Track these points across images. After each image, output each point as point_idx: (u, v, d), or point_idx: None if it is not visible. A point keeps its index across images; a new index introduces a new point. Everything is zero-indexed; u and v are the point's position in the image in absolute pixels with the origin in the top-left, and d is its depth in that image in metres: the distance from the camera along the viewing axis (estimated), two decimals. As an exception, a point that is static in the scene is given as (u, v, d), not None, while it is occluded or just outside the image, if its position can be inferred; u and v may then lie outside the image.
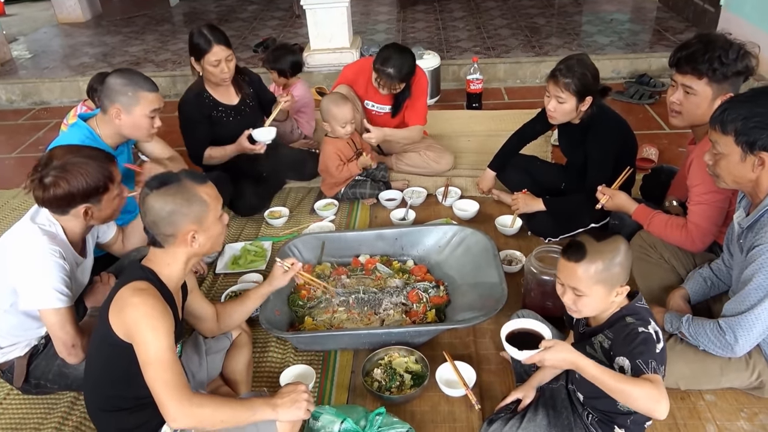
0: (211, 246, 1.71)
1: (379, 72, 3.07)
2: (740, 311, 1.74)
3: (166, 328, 1.54)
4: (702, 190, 2.08)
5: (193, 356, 1.98)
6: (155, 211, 1.60)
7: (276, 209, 3.20)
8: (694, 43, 2.09)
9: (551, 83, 2.53)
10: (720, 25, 4.92)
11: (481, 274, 2.41)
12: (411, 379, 2.08)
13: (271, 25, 6.48)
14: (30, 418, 2.11)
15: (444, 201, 3.20)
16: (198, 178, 1.67)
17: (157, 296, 1.58)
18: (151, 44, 6.08)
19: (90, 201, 1.95)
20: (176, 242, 1.63)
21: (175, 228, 1.61)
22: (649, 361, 1.49)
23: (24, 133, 4.59)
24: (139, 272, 1.64)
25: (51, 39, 6.61)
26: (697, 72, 2.07)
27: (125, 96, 2.33)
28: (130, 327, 1.53)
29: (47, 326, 1.94)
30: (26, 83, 5.25)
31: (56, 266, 1.89)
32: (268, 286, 2.10)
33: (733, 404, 1.97)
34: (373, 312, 2.38)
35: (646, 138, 3.66)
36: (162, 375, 1.50)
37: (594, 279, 1.56)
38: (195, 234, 1.64)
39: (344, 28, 4.90)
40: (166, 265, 1.67)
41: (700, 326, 1.84)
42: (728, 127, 1.70)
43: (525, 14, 6.27)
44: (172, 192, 1.60)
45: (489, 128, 4.02)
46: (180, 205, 1.60)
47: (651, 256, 2.26)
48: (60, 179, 1.88)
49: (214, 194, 1.69)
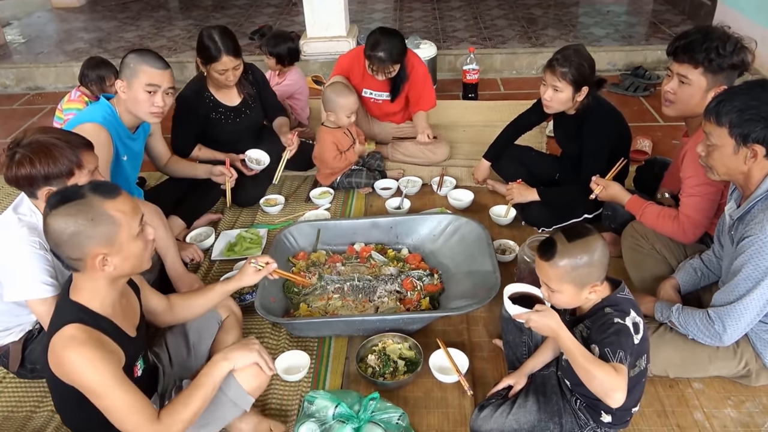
0: (131, 266, 1.55)
1: (371, 58, 3.07)
2: (729, 301, 1.77)
3: (109, 370, 1.45)
4: (694, 182, 2.10)
5: (180, 346, 1.98)
6: (57, 233, 1.44)
7: (272, 197, 3.21)
8: (693, 33, 2.12)
9: (548, 72, 2.54)
10: (716, 18, 4.94)
11: (475, 262, 2.43)
12: (404, 365, 2.10)
13: (267, 13, 6.45)
14: (26, 401, 2.12)
15: (439, 190, 3.22)
16: (107, 192, 1.49)
17: (90, 342, 1.45)
18: (146, 30, 6.04)
19: (52, 184, 1.83)
20: (86, 267, 1.48)
21: (81, 251, 1.45)
22: (617, 351, 1.54)
23: (18, 119, 4.57)
24: (68, 313, 1.51)
25: (45, 24, 6.56)
26: (693, 61, 2.09)
27: (128, 68, 2.35)
28: (74, 382, 1.46)
29: (37, 317, 1.92)
30: (20, 68, 5.21)
31: (37, 257, 1.84)
32: (236, 283, 1.96)
33: (721, 392, 2.00)
34: (368, 299, 2.40)
35: (640, 130, 3.67)
36: (124, 416, 1.45)
37: (563, 278, 1.60)
38: (106, 257, 1.47)
39: (341, 17, 4.88)
40: (93, 295, 1.53)
41: (690, 315, 1.87)
42: (723, 119, 1.71)
43: (522, 5, 6.26)
44: (74, 211, 1.43)
45: (485, 119, 4.03)
46: (83, 226, 1.43)
47: (643, 246, 2.29)
48: (25, 158, 1.80)
49: (128, 208, 1.51)
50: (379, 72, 3.10)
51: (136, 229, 1.53)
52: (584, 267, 1.58)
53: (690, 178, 2.12)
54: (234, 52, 2.86)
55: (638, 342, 1.59)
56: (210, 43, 2.83)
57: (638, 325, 1.60)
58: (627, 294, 1.67)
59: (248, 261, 1.99)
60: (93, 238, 1.45)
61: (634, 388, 1.66)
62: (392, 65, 3.09)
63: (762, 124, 1.67)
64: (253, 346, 1.67)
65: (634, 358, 1.60)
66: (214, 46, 2.82)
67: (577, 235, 1.61)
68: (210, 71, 2.91)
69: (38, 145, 1.82)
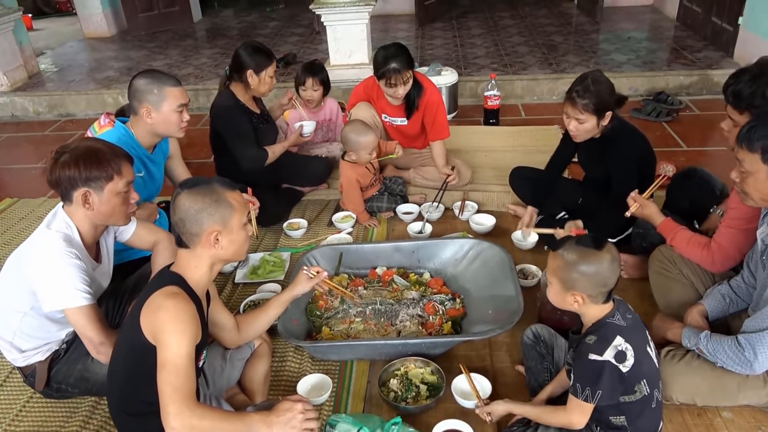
0: (234, 252, 1.74)
1: (386, 73, 3.04)
2: (761, 328, 1.74)
3: (191, 335, 1.57)
4: (736, 214, 2.05)
5: (216, 363, 2.02)
6: (184, 209, 1.65)
7: (294, 221, 3.24)
8: (744, 76, 2.04)
9: (569, 106, 2.54)
10: (738, 43, 4.93)
11: (498, 287, 2.42)
12: (427, 390, 2.09)
13: (291, 41, 6.60)
14: (51, 421, 2.14)
15: (461, 215, 3.22)
16: (227, 185, 1.73)
17: (189, 302, 1.62)
18: (175, 59, 6.21)
19: (90, 185, 1.94)
20: (200, 242, 1.67)
21: (200, 227, 1.66)
22: (585, 388, 1.59)
23: (50, 144, 4.70)
24: (169, 278, 1.69)
25: (77, 53, 6.78)
26: (739, 108, 2.05)
27: (152, 94, 2.41)
28: (158, 328, 1.56)
29: (74, 326, 1.96)
30: (53, 95, 5.39)
31: (75, 266, 1.91)
32: (290, 292, 2.12)
33: (751, 422, 1.95)
34: (390, 323, 2.40)
35: (664, 155, 3.65)
36: (173, 379, 1.52)
37: (554, 272, 1.67)
38: (218, 235, 1.68)
39: (363, 45, 4.97)
40: (193, 268, 1.71)
41: (719, 343, 1.83)
42: (755, 145, 1.71)
43: (542, 32, 6.32)
44: (203, 192, 1.67)
45: (506, 144, 4.04)
46: (208, 205, 1.65)
47: (670, 271, 2.26)
48: (71, 160, 1.93)
49: (242, 201, 1.74)
50: (398, 83, 3.07)
51: (244, 219, 1.74)
52: (574, 272, 1.61)
53: (733, 209, 2.07)
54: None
55: (628, 369, 1.58)
56: (262, 50, 3.13)
57: (624, 353, 1.58)
58: (618, 320, 1.64)
59: (301, 269, 2.15)
60: (213, 216, 1.66)
61: (642, 414, 1.66)
62: (407, 71, 3.07)
63: None
64: (296, 426, 1.62)
65: (626, 386, 1.61)
66: (265, 54, 3.12)
67: (590, 243, 1.61)
68: (263, 78, 3.11)
69: (85, 150, 1.96)
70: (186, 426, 1.50)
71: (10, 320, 2.02)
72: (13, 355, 2.07)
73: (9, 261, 2.06)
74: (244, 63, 3.09)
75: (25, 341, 2.04)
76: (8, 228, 3.46)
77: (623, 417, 1.66)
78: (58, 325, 2.03)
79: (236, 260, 1.92)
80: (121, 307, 2.28)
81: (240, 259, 1.86)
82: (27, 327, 2.02)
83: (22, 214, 3.61)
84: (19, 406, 2.21)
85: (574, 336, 1.75)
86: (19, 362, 2.08)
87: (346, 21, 4.86)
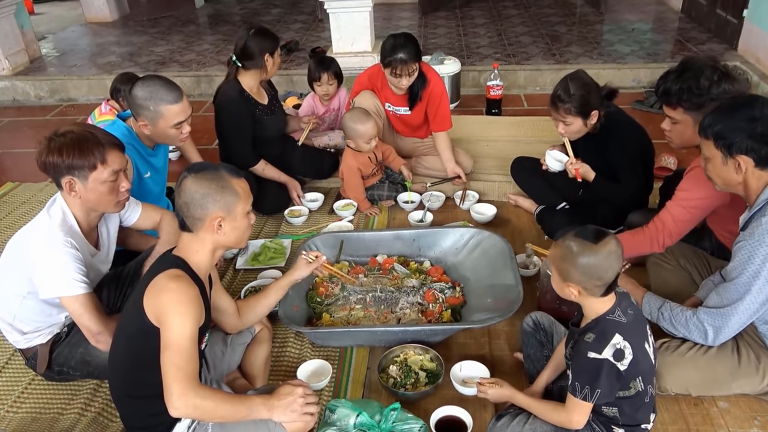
0: (235, 239, 1.76)
1: (392, 62, 3.03)
2: (723, 304, 1.80)
3: (195, 316, 1.59)
4: (685, 195, 2.15)
5: (217, 348, 2.03)
6: (190, 193, 1.67)
7: (296, 208, 3.25)
8: (670, 75, 2.17)
9: (552, 110, 2.59)
10: (742, 36, 4.90)
11: (497, 276, 2.43)
12: (426, 376, 2.11)
13: (294, 29, 6.57)
14: (53, 403, 2.16)
15: (462, 204, 3.23)
16: (234, 173, 1.74)
17: (192, 284, 1.64)
18: (177, 45, 6.19)
19: (74, 174, 1.93)
20: (203, 227, 1.69)
21: (204, 211, 1.67)
22: (584, 386, 1.60)
23: (51, 129, 4.53)
24: (172, 261, 1.71)
25: (79, 38, 6.75)
26: (671, 104, 2.16)
27: (148, 111, 2.37)
28: (162, 310, 1.58)
29: (71, 314, 1.98)
30: (54, 80, 5.37)
31: (70, 255, 1.92)
32: (290, 277, 2.14)
33: (747, 411, 1.97)
34: (390, 311, 2.42)
35: (666, 147, 3.59)
36: (177, 360, 1.54)
37: (553, 259, 1.70)
38: (222, 222, 1.69)
39: (366, 33, 4.96)
40: (195, 252, 1.72)
41: (679, 313, 1.90)
42: (708, 132, 1.80)
43: (546, 22, 6.29)
44: (209, 177, 1.68)
45: (508, 134, 4.04)
46: (213, 191, 1.67)
47: (668, 262, 2.28)
48: (56, 146, 1.92)
49: (247, 190, 1.76)
50: (403, 74, 3.07)
51: (248, 208, 1.76)
52: (568, 263, 1.62)
53: (683, 191, 2.16)
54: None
55: (626, 367, 1.60)
56: (269, 31, 3.14)
57: (622, 351, 1.59)
58: (617, 316, 1.65)
59: (300, 254, 2.17)
60: (218, 202, 1.67)
61: (635, 407, 1.68)
62: (414, 63, 3.06)
63: (743, 135, 1.73)
64: (296, 409, 1.66)
65: (623, 383, 1.62)
66: (273, 33, 3.14)
67: (589, 236, 1.61)
68: (274, 59, 3.12)
69: (70, 137, 1.94)
70: (189, 406, 1.52)
71: (10, 303, 2.04)
72: (15, 337, 2.08)
73: (10, 245, 2.07)
74: (262, 47, 3.04)
75: (26, 324, 2.06)
76: (10, 212, 3.47)
77: (616, 409, 1.68)
78: (57, 308, 2.04)
79: (237, 247, 1.94)
80: (123, 291, 2.29)
81: (241, 247, 1.88)
82: (26, 310, 2.03)
83: (24, 198, 3.62)
84: (21, 388, 2.22)
85: (573, 328, 1.76)
86: (21, 344, 2.10)
87: (350, 9, 4.84)
